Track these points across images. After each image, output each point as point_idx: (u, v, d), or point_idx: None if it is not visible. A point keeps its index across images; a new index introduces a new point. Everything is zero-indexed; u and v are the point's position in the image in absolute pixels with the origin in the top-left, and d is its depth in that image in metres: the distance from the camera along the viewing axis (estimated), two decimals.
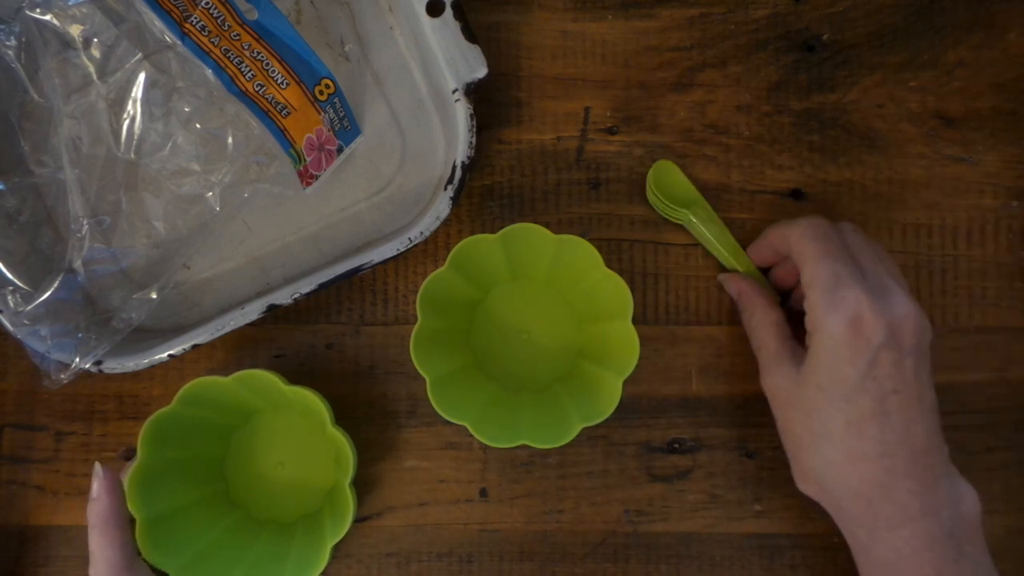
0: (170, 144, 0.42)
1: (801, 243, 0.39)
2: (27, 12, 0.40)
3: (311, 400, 0.41)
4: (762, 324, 0.42)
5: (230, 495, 0.44)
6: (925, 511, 0.36)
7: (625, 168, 0.46)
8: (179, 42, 0.39)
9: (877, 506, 0.36)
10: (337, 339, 0.45)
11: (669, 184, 0.45)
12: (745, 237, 0.45)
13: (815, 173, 0.46)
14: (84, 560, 0.45)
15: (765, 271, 0.45)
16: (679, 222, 0.45)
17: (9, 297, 0.40)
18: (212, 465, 0.44)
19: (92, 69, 0.41)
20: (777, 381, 0.40)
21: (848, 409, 0.36)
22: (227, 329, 0.41)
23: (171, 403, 0.40)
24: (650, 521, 0.45)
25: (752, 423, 0.45)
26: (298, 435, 0.45)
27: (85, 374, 0.41)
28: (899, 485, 0.36)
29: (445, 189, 0.42)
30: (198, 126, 0.42)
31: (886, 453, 0.36)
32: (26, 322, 0.40)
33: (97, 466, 0.37)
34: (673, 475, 0.45)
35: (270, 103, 0.41)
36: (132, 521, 0.38)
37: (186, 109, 0.41)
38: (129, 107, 0.41)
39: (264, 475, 0.44)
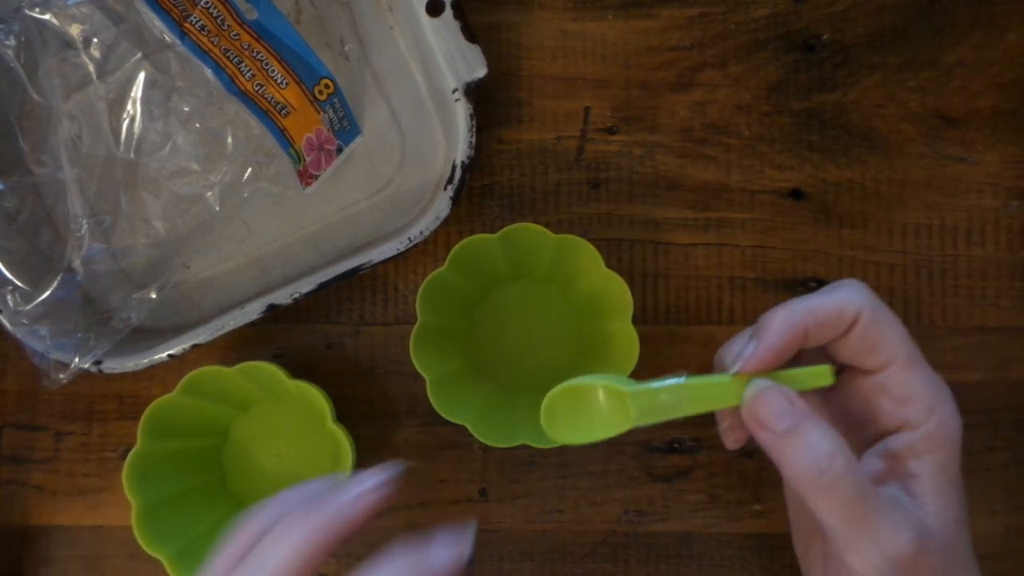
0: (170, 144, 0.42)
1: (882, 331, 0.30)
2: (27, 12, 0.40)
3: (313, 395, 0.41)
4: (839, 462, 0.28)
5: (227, 484, 0.44)
6: None
7: (625, 168, 0.46)
8: (178, 42, 0.39)
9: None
10: (337, 339, 0.45)
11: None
12: (745, 237, 0.45)
13: (815, 173, 0.46)
14: (84, 560, 0.45)
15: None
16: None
17: (9, 297, 0.40)
18: (210, 454, 0.44)
19: (92, 69, 0.41)
20: (892, 544, 0.28)
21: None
22: (227, 329, 0.41)
23: (174, 391, 0.40)
24: (650, 521, 0.45)
25: None
26: (298, 429, 0.45)
27: (85, 374, 0.41)
28: None
29: (445, 189, 0.42)
30: (198, 126, 0.42)
31: None
32: (25, 322, 0.40)
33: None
34: (673, 475, 0.45)
35: (270, 103, 0.41)
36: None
37: (185, 109, 0.41)
38: (129, 107, 0.41)
39: (262, 466, 0.45)
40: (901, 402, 0.31)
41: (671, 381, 0.31)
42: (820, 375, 0.31)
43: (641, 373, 0.45)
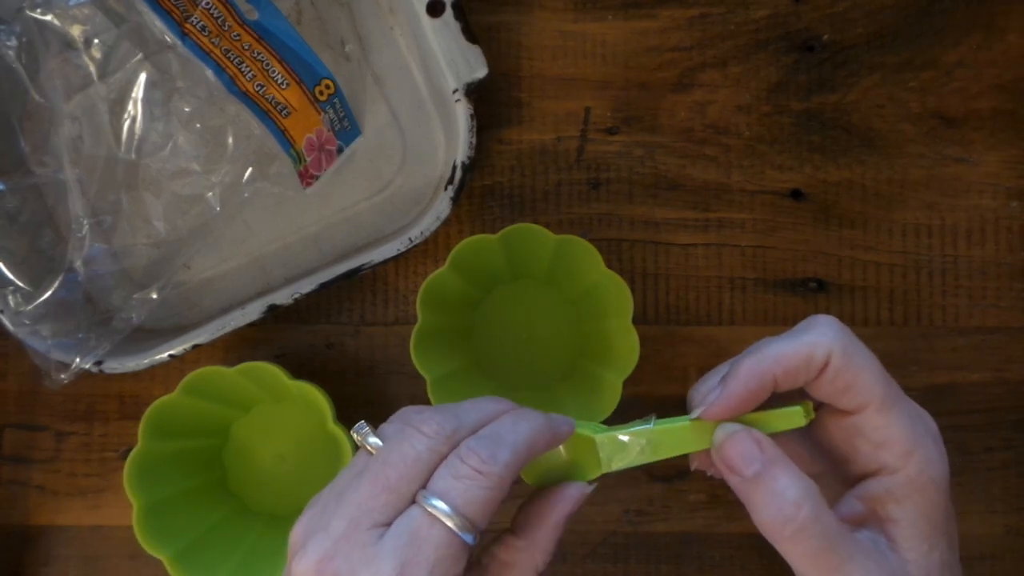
0: (170, 144, 0.42)
1: (855, 373, 0.29)
2: (28, 12, 0.40)
3: (314, 395, 0.41)
4: (805, 511, 0.28)
5: (228, 485, 0.45)
6: None
7: (625, 168, 0.46)
8: (179, 42, 0.39)
9: None
10: (337, 339, 0.46)
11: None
12: (745, 238, 0.45)
13: (815, 173, 0.46)
14: (85, 560, 0.45)
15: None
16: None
17: (10, 297, 0.40)
18: (211, 454, 0.44)
19: (93, 69, 0.41)
20: None
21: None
22: (227, 329, 0.41)
23: (175, 391, 0.40)
24: (650, 521, 0.45)
25: None
26: (299, 429, 0.45)
27: (86, 374, 0.41)
28: None
29: (445, 189, 0.42)
30: (198, 126, 0.42)
31: None
32: (27, 322, 0.40)
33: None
34: (673, 475, 0.45)
35: (270, 103, 0.41)
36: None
37: (186, 109, 0.41)
38: (130, 107, 0.41)
39: (262, 467, 0.45)
40: (877, 446, 0.30)
41: (640, 427, 0.31)
42: (791, 416, 0.30)
43: (641, 373, 0.45)
